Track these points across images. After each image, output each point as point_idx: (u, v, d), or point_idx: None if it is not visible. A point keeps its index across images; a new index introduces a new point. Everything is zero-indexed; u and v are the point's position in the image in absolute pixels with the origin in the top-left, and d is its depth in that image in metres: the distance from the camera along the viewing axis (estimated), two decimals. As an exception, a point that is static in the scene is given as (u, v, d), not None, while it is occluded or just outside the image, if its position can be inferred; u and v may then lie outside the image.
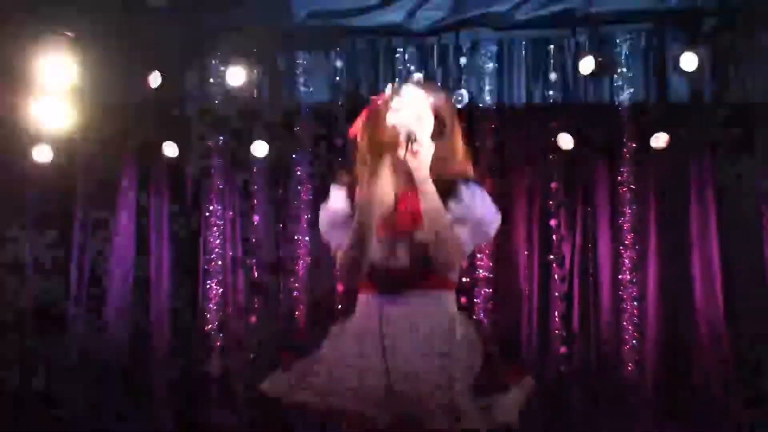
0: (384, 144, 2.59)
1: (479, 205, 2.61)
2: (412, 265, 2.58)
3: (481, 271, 5.22)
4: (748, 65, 5.00)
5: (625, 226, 5.21)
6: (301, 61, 5.33)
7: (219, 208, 5.43)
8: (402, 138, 2.52)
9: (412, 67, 5.18)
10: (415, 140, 2.50)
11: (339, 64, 5.29)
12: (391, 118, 2.60)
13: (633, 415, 5.10)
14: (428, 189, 2.52)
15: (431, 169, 2.57)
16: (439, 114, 2.67)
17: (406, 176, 2.61)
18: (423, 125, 2.61)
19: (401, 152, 2.52)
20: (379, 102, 2.69)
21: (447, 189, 2.57)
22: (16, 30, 5.05)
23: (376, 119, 2.65)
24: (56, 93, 5.11)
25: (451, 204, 2.55)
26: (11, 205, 5.30)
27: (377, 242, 2.59)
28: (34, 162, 5.23)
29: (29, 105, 5.10)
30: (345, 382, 2.48)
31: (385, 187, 2.61)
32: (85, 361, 5.33)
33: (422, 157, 2.52)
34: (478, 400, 2.50)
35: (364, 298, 2.66)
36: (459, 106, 5.15)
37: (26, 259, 5.35)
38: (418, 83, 2.71)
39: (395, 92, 2.67)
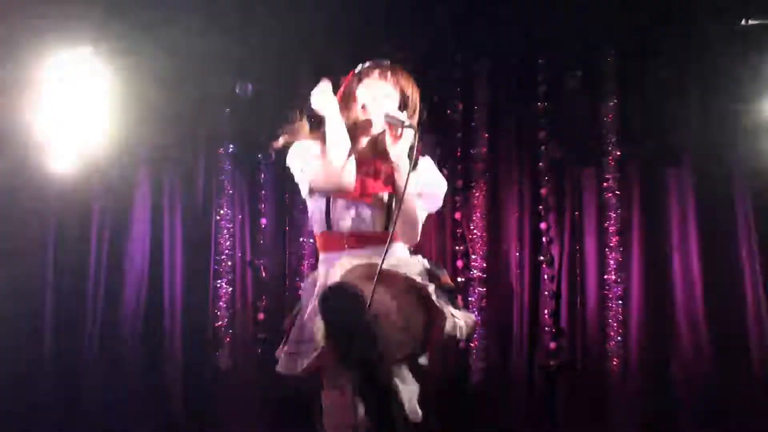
0: (359, 129, 2.75)
1: (433, 176, 2.84)
2: (375, 226, 2.75)
3: (474, 271, 5.38)
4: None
5: (611, 230, 5.37)
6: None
7: (229, 211, 5.51)
8: (385, 122, 2.66)
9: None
10: (405, 126, 2.61)
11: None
12: (364, 97, 2.74)
13: (617, 407, 5.26)
14: (403, 168, 2.67)
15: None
16: (405, 94, 2.78)
17: (380, 150, 2.76)
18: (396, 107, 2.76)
19: (387, 138, 2.65)
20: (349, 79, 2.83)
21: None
22: (37, 42, 5.13)
23: (349, 97, 2.79)
24: (75, 103, 5.23)
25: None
26: (33, 210, 5.34)
27: (345, 205, 2.73)
28: (54, 168, 5.31)
29: (48, 115, 5.20)
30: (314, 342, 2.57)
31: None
32: (101, 356, 5.38)
33: (402, 140, 2.65)
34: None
35: (329, 256, 2.76)
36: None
37: (47, 262, 5.40)
38: (385, 66, 2.80)
39: (366, 73, 2.79)
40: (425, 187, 2.78)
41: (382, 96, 2.75)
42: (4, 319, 5.08)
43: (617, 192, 5.38)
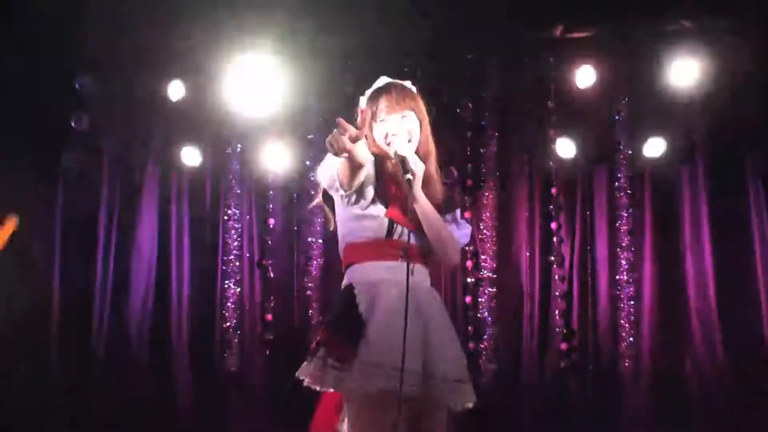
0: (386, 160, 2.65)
1: (459, 216, 2.80)
2: (425, 244, 2.67)
3: (484, 271, 5.35)
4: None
5: (622, 229, 5.33)
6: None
7: (237, 211, 5.49)
8: (395, 159, 2.58)
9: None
10: (408, 166, 2.52)
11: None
12: (380, 131, 2.65)
13: (629, 408, 5.23)
14: (424, 203, 2.60)
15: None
16: (415, 111, 2.69)
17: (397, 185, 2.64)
18: (412, 131, 2.66)
19: (398, 174, 2.55)
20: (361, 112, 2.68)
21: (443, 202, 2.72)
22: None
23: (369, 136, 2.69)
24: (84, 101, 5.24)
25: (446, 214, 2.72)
26: (41, 210, 5.37)
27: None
28: (63, 167, 5.33)
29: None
30: (388, 361, 2.44)
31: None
32: (109, 357, 5.37)
33: (419, 179, 2.56)
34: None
35: (379, 266, 2.60)
36: None
37: (54, 260, 5.39)
38: (393, 87, 2.71)
39: (375, 100, 2.68)
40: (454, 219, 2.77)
41: (395, 130, 2.65)
42: (10, 323, 5.07)
43: (629, 191, 5.34)
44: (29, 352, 5.18)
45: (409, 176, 2.52)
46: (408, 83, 2.77)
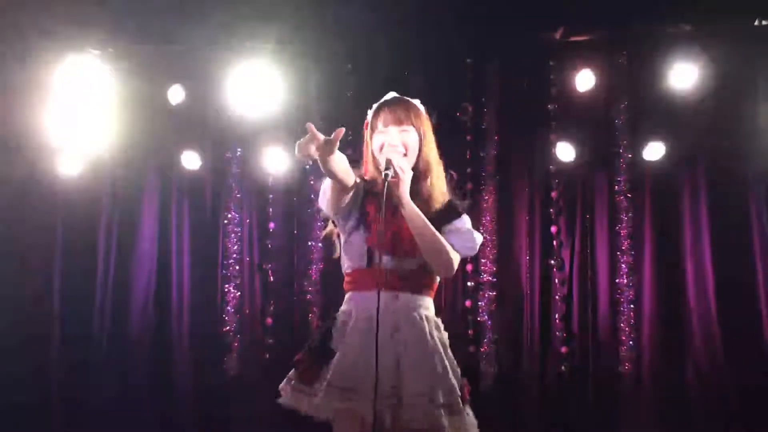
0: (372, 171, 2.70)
1: (467, 222, 2.80)
2: (415, 269, 2.67)
3: (484, 275, 5.34)
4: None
5: (622, 233, 5.32)
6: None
7: (237, 215, 5.49)
8: (381, 166, 2.60)
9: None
10: (393, 170, 2.54)
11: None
12: (376, 141, 2.69)
13: (630, 411, 5.21)
14: (411, 208, 2.60)
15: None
16: (416, 127, 2.72)
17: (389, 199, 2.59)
18: (409, 145, 2.68)
19: (384, 177, 2.56)
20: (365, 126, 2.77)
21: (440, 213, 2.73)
22: (41, 46, 5.16)
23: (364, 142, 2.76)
24: (83, 106, 5.24)
25: (446, 225, 2.72)
26: (41, 214, 5.38)
27: (387, 244, 2.61)
28: (62, 173, 5.34)
29: (55, 118, 5.22)
30: (362, 384, 2.49)
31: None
32: (109, 360, 5.39)
33: (403, 182, 2.58)
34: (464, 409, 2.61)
35: (363, 296, 2.64)
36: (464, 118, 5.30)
37: (54, 267, 5.42)
38: (397, 101, 2.75)
39: (378, 113, 2.73)
40: (459, 225, 2.75)
41: (390, 140, 2.69)
42: (12, 324, 5.09)
43: (629, 195, 5.33)
44: (29, 352, 5.17)
45: (387, 172, 2.54)
46: (416, 101, 2.79)
